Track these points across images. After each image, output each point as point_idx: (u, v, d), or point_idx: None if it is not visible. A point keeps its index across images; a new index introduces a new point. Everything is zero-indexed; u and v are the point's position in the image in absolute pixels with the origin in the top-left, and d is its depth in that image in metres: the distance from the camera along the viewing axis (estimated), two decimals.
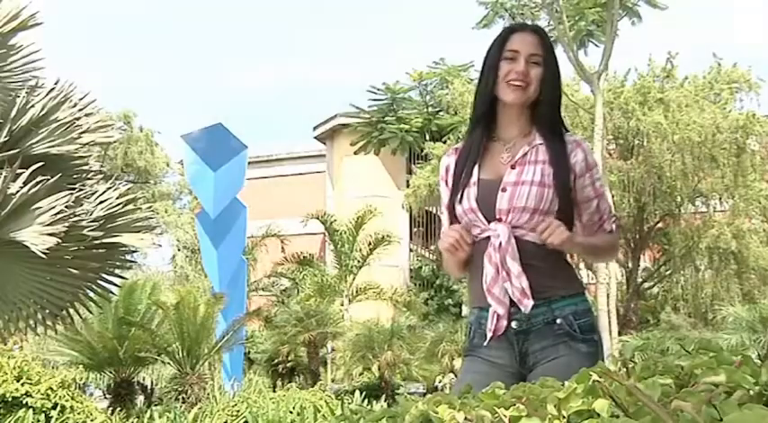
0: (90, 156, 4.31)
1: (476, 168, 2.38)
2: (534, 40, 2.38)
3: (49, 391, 8.06)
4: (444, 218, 2.49)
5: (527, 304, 2.24)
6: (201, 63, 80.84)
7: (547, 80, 2.36)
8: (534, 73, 2.35)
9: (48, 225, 3.65)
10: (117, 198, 4.13)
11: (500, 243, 2.26)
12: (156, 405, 11.98)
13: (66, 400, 8.17)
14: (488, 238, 2.30)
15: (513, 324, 2.29)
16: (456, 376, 16.96)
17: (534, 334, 2.28)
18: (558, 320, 2.28)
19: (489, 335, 2.28)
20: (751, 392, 1.03)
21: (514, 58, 2.35)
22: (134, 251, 4.52)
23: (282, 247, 24.14)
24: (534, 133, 2.38)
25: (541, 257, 2.27)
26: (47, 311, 4.33)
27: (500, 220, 2.29)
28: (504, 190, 2.30)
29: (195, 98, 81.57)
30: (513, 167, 2.34)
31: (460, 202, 2.36)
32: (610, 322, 15.43)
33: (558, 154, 2.34)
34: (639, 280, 21.84)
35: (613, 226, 2.48)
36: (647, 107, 19.85)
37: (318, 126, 30.50)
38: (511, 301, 2.27)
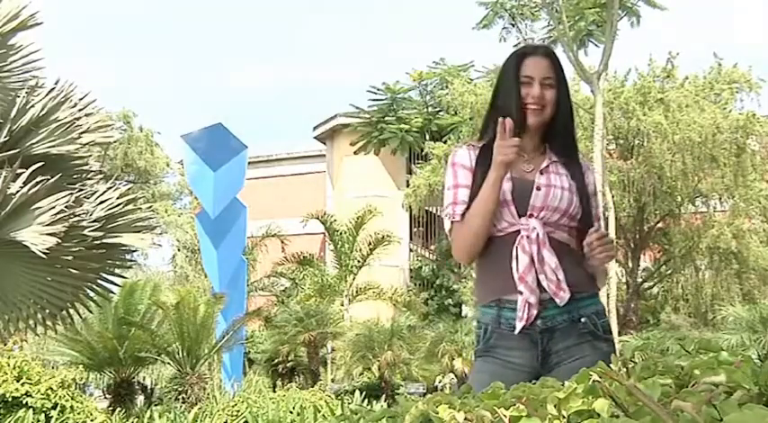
0: (90, 156, 4.31)
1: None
2: (546, 63, 2.49)
3: (49, 391, 8.07)
4: (461, 192, 2.43)
5: (563, 296, 2.29)
6: (201, 63, 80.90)
7: (560, 101, 2.48)
8: (549, 95, 2.46)
9: (48, 225, 3.65)
10: (117, 198, 4.12)
11: (537, 234, 2.32)
12: (156, 405, 11.98)
13: (66, 400, 8.17)
14: (517, 231, 2.34)
15: (539, 322, 2.31)
16: (456, 376, 17.02)
17: (560, 332, 2.31)
18: (583, 319, 2.33)
19: (520, 324, 2.28)
20: (751, 392, 1.03)
21: (530, 84, 2.46)
22: (134, 251, 4.52)
23: (282, 247, 24.13)
24: (548, 151, 2.49)
25: (567, 256, 2.34)
26: (47, 311, 4.33)
27: (531, 215, 2.35)
28: (538, 188, 2.39)
29: (195, 98, 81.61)
30: (541, 173, 2.43)
31: None
32: (610, 322, 15.40)
33: (579, 172, 2.48)
34: (639, 280, 21.83)
35: None
36: (648, 107, 19.85)
37: (318, 126, 30.51)
38: (539, 297, 2.30)
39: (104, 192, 4.13)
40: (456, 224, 2.45)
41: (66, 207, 3.71)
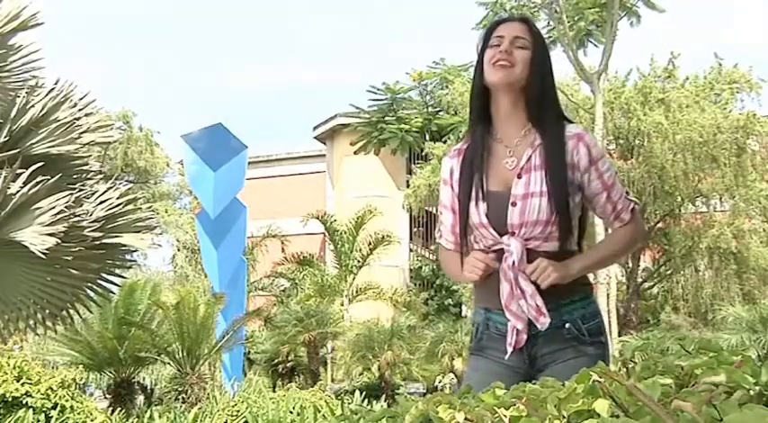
0: (90, 156, 4.31)
1: (483, 178, 2.33)
2: (521, 26, 2.36)
3: (49, 391, 8.07)
4: (445, 217, 2.46)
5: (543, 322, 2.24)
6: (201, 63, 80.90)
7: (534, 62, 2.31)
8: (519, 54, 2.30)
9: (48, 225, 3.64)
10: (117, 198, 4.12)
11: (513, 262, 2.24)
12: (156, 405, 11.98)
13: (66, 400, 8.17)
14: (501, 250, 2.28)
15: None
16: (456, 376, 17.01)
17: (543, 338, 2.28)
18: (567, 325, 2.28)
19: (510, 349, 2.27)
20: (751, 392, 1.03)
21: (499, 44, 2.32)
22: (134, 251, 4.52)
23: (282, 247, 24.14)
24: (533, 131, 2.33)
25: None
26: (47, 312, 4.33)
27: (513, 233, 2.27)
28: (514, 204, 2.27)
29: (195, 98, 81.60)
30: (519, 176, 2.30)
31: (470, 216, 2.33)
32: (610, 322, 15.44)
33: (557, 156, 2.29)
34: (639, 280, 21.83)
35: (632, 212, 2.42)
36: (648, 107, 19.85)
37: (318, 126, 30.50)
38: (527, 322, 2.28)
39: (104, 192, 4.13)
40: (440, 247, 2.50)
41: (66, 207, 3.71)
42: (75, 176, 4.21)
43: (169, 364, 13.32)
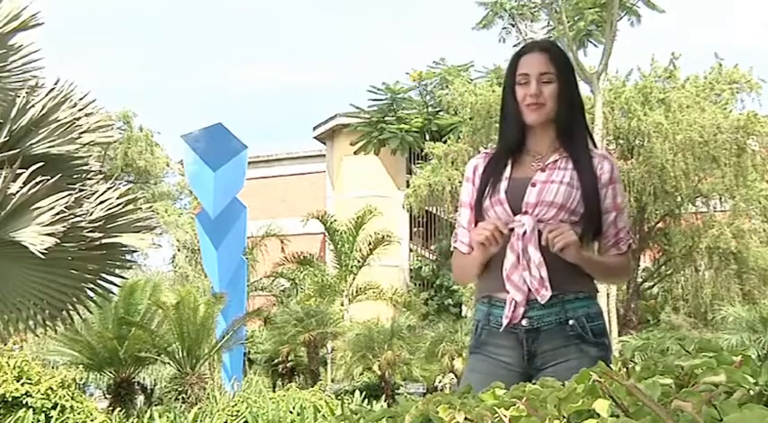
0: (90, 156, 4.30)
1: (508, 168, 2.42)
2: (542, 58, 2.43)
3: (49, 391, 8.08)
4: (463, 215, 2.49)
5: (544, 295, 2.25)
6: (201, 63, 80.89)
7: (562, 95, 2.41)
8: (547, 91, 2.39)
9: (47, 225, 3.64)
10: (117, 198, 4.12)
11: (524, 231, 2.28)
12: (156, 405, 11.98)
13: (67, 400, 8.18)
14: (512, 230, 2.32)
15: (524, 322, 2.29)
16: (456, 376, 17.01)
17: (545, 333, 2.28)
18: (571, 322, 2.28)
19: (505, 321, 2.28)
20: (751, 392, 1.03)
21: (527, 82, 2.40)
22: (134, 251, 4.51)
23: (282, 247, 24.13)
24: (560, 148, 2.43)
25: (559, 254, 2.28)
26: (47, 312, 4.33)
27: (526, 212, 2.32)
28: (533, 185, 2.35)
29: (195, 98, 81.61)
30: (543, 170, 2.38)
31: (490, 196, 2.38)
32: (610, 322, 15.45)
33: (585, 162, 2.39)
34: (639, 280, 21.82)
35: (628, 247, 2.48)
36: (648, 107, 19.86)
37: (318, 126, 30.50)
38: (527, 295, 2.27)
39: (104, 192, 4.12)
40: (456, 251, 2.52)
41: (65, 207, 3.71)
42: (75, 176, 4.21)
43: (169, 364, 13.32)
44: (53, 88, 4.16)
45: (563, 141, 2.43)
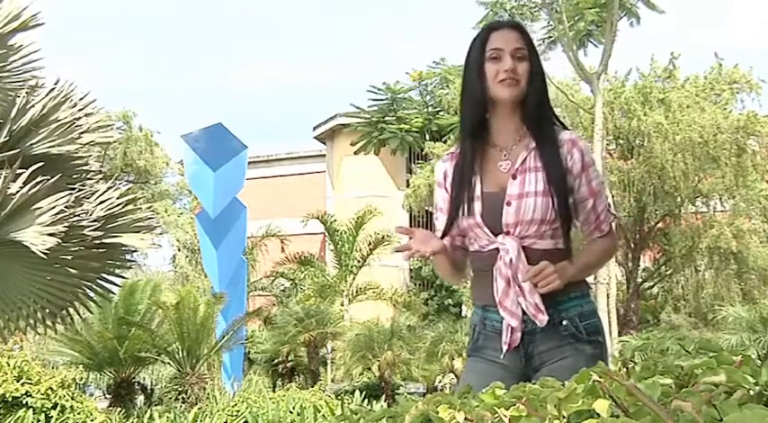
0: (90, 156, 4.31)
1: (477, 180, 2.35)
2: (515, 35, 2.36)
3: (49, 391, 8.08)
4: (440, 221, 2.47)
5: (542, 319, 2.24)
6: (201, 63, 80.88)
7: (534, 73, 2.34)
8: (522, 68, 2.33)
9: (48, 225, 3.64)
10: (117, 198, 4.13)
11: (510, 259, 2.25)
12: (156, 405, 11.98)
13: (67, 400, 8.18)
14: (497, 249, 2.29)
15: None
16: (456, 376, 17.01)
17: (540, 335, 2.28)
18: (564, 322, 2.28)
19: (505, 348, 2.28)
20: (751, 392, 1.03)
21: (499, 57, 2.32)
22: (134, 251, 4.51)
23: (282, 247, 24.12)
24: (528, 135, 2.35)
25: (550, 262, 2.26)
26: (47, 311, 4.33)
27: (507, 232, 2.28)
28: (509, 204, 2.28)
29: (195, 98, 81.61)
30: (514, 177, 2.31)
31: (465, 216, 2.33)
32: (610, 322, 15.45)
33: (553, 158, 2.31)
34: (639, 280, 21.82)
35: (611, 226, 2.43)
36: (648, 107, 19.86)
37: (318, 126, 30.50)
38: (523, 311, 2.27)
39: (104, 192, 4.13)
40: None
41: (66, 207, 3.71)
42: (75, 176, 4.21)
43: (169, 364, 13.31)
44: (53, 88, 4.17)
45: (530, 127, 2.35)
